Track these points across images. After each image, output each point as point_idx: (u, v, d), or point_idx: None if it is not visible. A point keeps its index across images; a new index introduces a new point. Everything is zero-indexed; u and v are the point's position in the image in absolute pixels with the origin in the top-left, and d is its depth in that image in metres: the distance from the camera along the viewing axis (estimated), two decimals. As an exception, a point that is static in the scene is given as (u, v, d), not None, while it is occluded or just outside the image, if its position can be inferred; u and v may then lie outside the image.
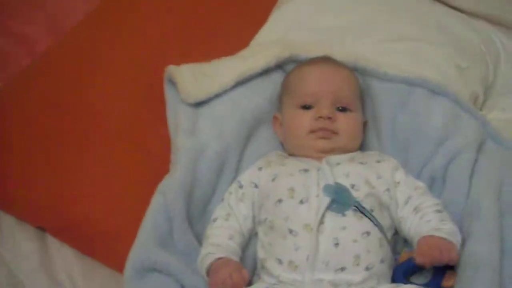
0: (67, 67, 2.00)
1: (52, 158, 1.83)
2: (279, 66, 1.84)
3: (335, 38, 1.96)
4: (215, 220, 1.63)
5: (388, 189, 1.61)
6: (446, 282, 1.52)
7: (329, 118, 1.65)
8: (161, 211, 1.60)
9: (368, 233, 1.52)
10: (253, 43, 2.01)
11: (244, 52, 1.92)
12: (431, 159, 1.71)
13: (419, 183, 1.65)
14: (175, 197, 1.60)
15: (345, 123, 1.67)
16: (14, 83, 2.04)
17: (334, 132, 1.66)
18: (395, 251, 1.61)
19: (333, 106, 1.67)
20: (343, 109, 1.68)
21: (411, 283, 1.54)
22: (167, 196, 1.61)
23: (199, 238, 1.63)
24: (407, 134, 1.76)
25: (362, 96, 1.78)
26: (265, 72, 1.82)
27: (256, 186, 1.66)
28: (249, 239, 1.65)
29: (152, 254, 1.56)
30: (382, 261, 1.52)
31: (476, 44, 2.03)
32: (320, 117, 1.65)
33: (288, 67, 1.84)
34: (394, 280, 1.55)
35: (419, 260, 1.47)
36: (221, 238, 1.59)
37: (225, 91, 1.78)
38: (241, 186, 1.68)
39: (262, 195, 1.64)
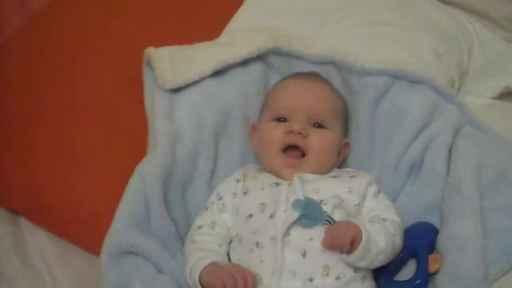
0: (41, 48, 1.96)
1: (28, 138, 1.81)
2: (259, 56, 1.80)
3: (313, 23, 1.94)
4: (200, 227, 1.61)
5: (358, 204, 1.58)
6: (431, 266, 1.52)
7: (300, 133, 1.62)
8: (139, 195, 1.59)
9: None
10: (231, 26, 1.99)
11: (224, 39, 1.89)
12: (409, 147, 1.71)
13: (388, 201, 1.62)
14: (153, 181, 1.59)
15: (317, 140, 1.63)
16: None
17: (303, 153, 1.62)
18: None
19: (307, 121, 1.64)
20: (319, 126, 1.65)
21: (397, 282, 1.57)
22: (145, 180, 1.59)
23: (177, 224, 1.63)
24: (387, 126, 1.76)
25: (346, 118, 1.76)
26: (244, 61, 1.78)
27: (235, 196, 1.63)
28: None
29: (129, 237, 1.55)
30: (356, 270, 1.49)
31: (451, 30, 2.04)
32: (291, 131, 1.62)
33: (268, 58, 1.82)
34: (380, 285, 1.56)
35: (323, 242, 1.46)
36: (211, 244, 1.57)
37: (203, 79, 1.75)
38: (220, 198, 1.64)
39: (235, 209, 1.61)
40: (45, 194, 1.76)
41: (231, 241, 1.59)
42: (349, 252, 1.46)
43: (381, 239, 1.49)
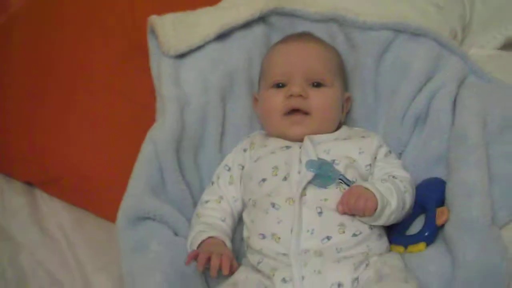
0: (46, 22, 1.97)
1: (37, 112, 1.85)
2: (261, 18, 1.81)
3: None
4: (206, 202, 1.64)
5: (370, 165, 1.61)
6: (439, 219, 1.55)
7: (300, 95, 1.63)
8: (152, 161, 1.62)
9: None
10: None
11: (225, 3, 1.89)
12: (414, 100, 1.73)
13: (397, 160, 1.66)
14: (166, 146, 1.61)
15: (319, 99, 1.64)
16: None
17: (307, 113, 1.64)
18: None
19: (305, 82, 1.65)
20: (318, 85, 1.66)
21: (408, 236, 1.59)
22: (157, 146, 1.62)
23: (191, 188, 1.66)
24: (391, 79, 1.77)
25: (343, 72, 1.77)
26: (247, 24, 1.79)
27: (243, 167, 1.67)
28: (238, 222, 1.66)
29: (144, 202, 1.57)
30: (371, 227, 1.52)
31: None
32: (291, 95, 1.63)
33: (271, 19, 1.83)
34: (391, 241, 1.59)
35: (339, 208, 1.49)
36: (213, 218, 1.60)
37: (207, 43, 1.76)
38: (229, 169, 1.68)
39: (246, 177, 1.64)
40: (56, 164, 1.80)
41: (244, 208, 1.63)
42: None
43: (393, 200, 1.52)
